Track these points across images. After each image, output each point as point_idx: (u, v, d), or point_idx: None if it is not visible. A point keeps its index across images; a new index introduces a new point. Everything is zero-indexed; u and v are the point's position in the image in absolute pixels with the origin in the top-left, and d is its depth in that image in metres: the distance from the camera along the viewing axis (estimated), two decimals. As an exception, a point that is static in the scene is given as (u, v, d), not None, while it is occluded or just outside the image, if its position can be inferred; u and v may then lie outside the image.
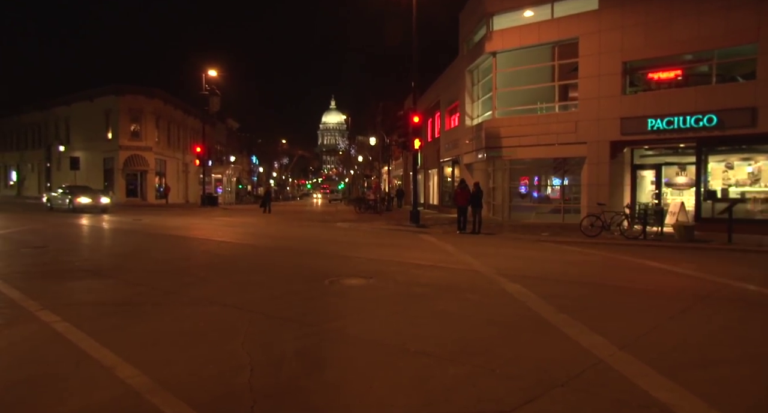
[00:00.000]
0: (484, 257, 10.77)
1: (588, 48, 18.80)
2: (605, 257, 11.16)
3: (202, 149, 36.92)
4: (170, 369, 4.09)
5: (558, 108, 20.36)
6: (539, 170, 22.43)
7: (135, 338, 4.96)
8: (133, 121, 41.12)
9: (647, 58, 18.02)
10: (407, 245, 13.36)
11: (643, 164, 18.81)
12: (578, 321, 5.54)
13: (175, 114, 46.28)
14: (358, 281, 7.88)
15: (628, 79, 18.49)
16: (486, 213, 20.93)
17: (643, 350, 4.60)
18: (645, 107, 17.69)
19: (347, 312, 5.98)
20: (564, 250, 12.47)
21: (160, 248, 12.63)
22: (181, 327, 5.33)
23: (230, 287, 7.49)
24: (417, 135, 19.42)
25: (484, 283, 7.84)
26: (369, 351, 4.59)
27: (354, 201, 38.89)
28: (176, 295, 6.89)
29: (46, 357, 4.46)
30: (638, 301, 6.82)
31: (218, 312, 5.99)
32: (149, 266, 9.42)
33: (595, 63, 18.65)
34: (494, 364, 4.23)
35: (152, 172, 41.67)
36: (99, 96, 41.37)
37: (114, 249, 12.62)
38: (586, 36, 18.84)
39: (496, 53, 21.25)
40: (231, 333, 5.07)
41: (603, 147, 18.52)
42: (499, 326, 5.43)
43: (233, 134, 64.12)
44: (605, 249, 12.53)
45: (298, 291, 7.16)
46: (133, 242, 13.82)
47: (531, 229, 17.43)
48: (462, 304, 6.46)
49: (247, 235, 16.48)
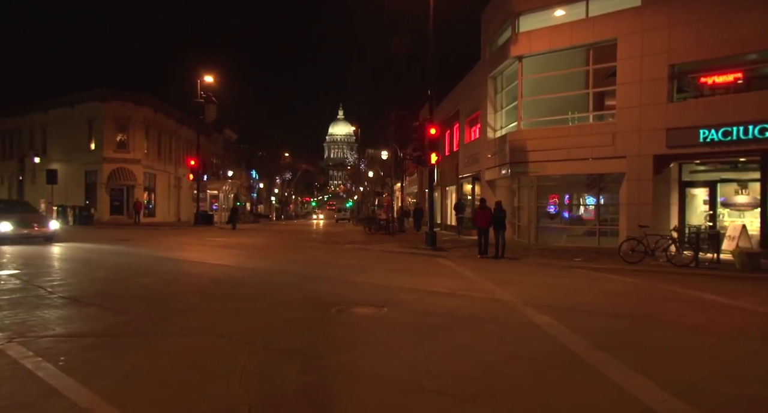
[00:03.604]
0: (509, 284, 10.71)
1: (628, 50, 18.66)
2: (649, 287, 11.02)
3: (196, 162, 37.37)
4: (157, 410, 4.10)
5: (592, 118, 20.36)
6: (571, 187, 22.36)
7: (118, 374, 4.92)
8: (120, 130, 41.34)
9: (699, 60, 17.56)
10: (422, 271, 13.33)
11: (694, 181, 18.40)
12: (619, 359, 5.41)
13: (167, 123, 46.88)
14: (367, 310, 7.87)
15: (676, 84, 18.16)
16: (510, 235, 20.82)
17: (702, 398, 4.40)
18: (696, 116, 17.28)
19: (356, 344, 5.97)
20: (600, 278, 12.35)
21: (147, 271, 12.70)
22: (170, 361, 5.34)
23: (226, 315, 7.52)
24: (434, 149, 19.53)
25: (508, 313, 7.79)
26: (380, 389, 4.57)
27: (363, 221, 39.02)
28: (165, 324, 6.93)
29: (11, 398, 4.29)
30: (692, 339, 6.56)
31: (212, 343, 6.01)
32: (135, 292, 9.49)
33: (636, 67, 18.49)
34: (521, 407, 4.19)
35: (140, 187, 41.92)
36: (81, 102, 41.33)
37: (93, 274, 12.73)
38: (627, 36, 18.70)
39: (523, 57, 21.40)
40: (226, 367, 5.08)
41: (645, 162, 18.29)
42: (526, 362, 5.39)
43: (231, 145, 64.94)
44: (649, 278, 12.35)
45: (301, 320, 7.16)
46: (114, 265, 13.93)
47: (561, 253, 17.31)
48: (483, 337, 6.42)
49: (246, 257, 16.55)
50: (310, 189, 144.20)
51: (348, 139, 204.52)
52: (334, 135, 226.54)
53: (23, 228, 19.25)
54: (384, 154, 49.09)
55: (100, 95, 40.57)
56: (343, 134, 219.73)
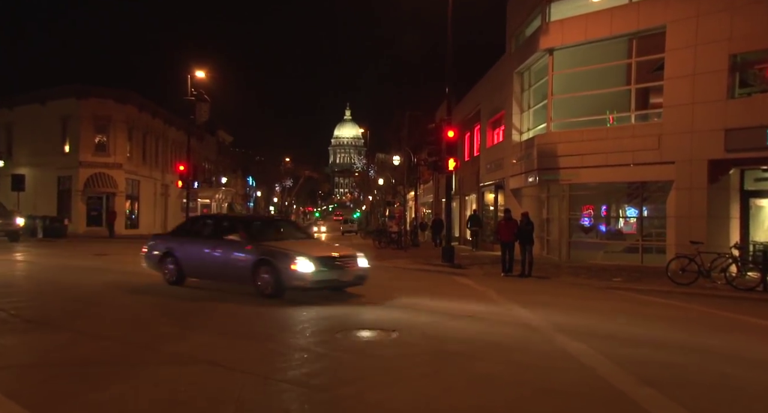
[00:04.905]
0: (537, 307, 10.66)
1: (679, 39, 18.28)
2: (704, 314, 10.88)
3: (186, 167, 37.52)
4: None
5: (634, 118, 20.16)
6: (608, 197, 22.24)
7: (93, 410, 4.86)
8: (99, 131, 41.27)
9: (767, 48, 17.12)
10: (439, 290, 13.31)
11: (760, 191, 18.02)
12: (672, 399, 5.26)
13: (154, 124, 47.22)
14: (377, 335, 7.86)
15: (737, 77, 17.68)
16: (538, 251, 20.75)
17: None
18: (763, 115, 16.74)
19: (365, 374, 5.96)
20: (645, 301, 12.24)
21: (129, 289, 12.75)
22: (155, 394, 5.33)
23: (219, 340, 7.54)
24: (452, 153, 19.53)
25: (537, 341, 7.76)
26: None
27: (373, 234, 39.01)
28: (150, 351, 6.94)
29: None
30: (757, 376, 6.40)
31: (203, 372, 6.02)
32: (114, 314, 9.51)
33: (689, 58, 18.07)
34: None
35: (122, 195, 41.94)
36: (54, 98, 40.91)
37: (64, 293, 12.79)
38: (678, 23, 18.31)
39: (554, 50, 21.39)
40: (219, 400, 5.08)
41: (698, 168, 17.92)
42: (559, 398, 5.34)
43: (225, 149, 65.42)
44: (704, 302, 12.16)
45: (302, 346, 7.17)
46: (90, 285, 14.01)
47: (597, 272, 17.19)
48: (509, 367, 6.38)
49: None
50: (313, 198, 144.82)
51: (356, 142, 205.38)
52: (341, 138, 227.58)
53: None
54: (396, 159, 49.06)
55: (76, 91, 40.29)
56: (350, 136, 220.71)
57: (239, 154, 69.11)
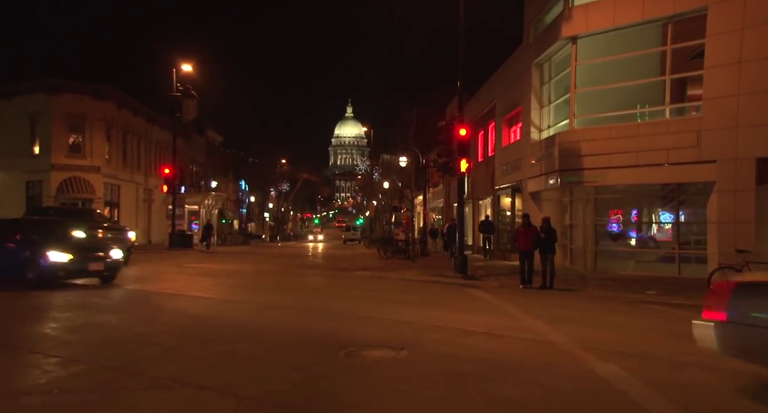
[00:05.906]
0: (561, 322, 10.63)
1: (723, 22, 18.07)
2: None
3: (171, 169, 37.73)
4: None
5: (669, 113, 20.08)
6: (639, 200, 22.22)
7: None
8: (73, 130, 40.87)
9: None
10: (452, 304, 13.32)
11: None
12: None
13: (135, 122, 47.22)
14: (384, 354, 7.85)
15: None
16: (560, 261, 20.70)
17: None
18: None
19: (371, 397, 5.95)
20: (683, 318, 11.98)
21: (107, 308, 12.78)
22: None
23: (209, 361, 7.52)
24: (464, 153, 19.55)
25: (562, 360, 7.71)
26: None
27: (378, 242, 39.05)
28: (133, 375, 6.89)
29: None
30: None
31: (192, 397, 6.00)
32: (91, 336, 9.47)
33: (734, 43, 17.84)
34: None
35: (100, 201, 41.73)
36: (20, 93, 40.24)
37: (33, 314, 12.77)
38: (722, 4, 18.06)
39: (578, 38, 21.42)
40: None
41: (744, 167, 17.81)
42: (588, 423, 5.30)
43: (215, 150, 65.53)
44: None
45: (302, 367, 7.14)
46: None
47: (628, 284, 17.14)
48: (531, 390, 6.34)
49: (234, 288, 16.64)
50: (312, 203, 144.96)
51: (358, 142, 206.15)
52: (342, 137, 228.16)
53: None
54: (402, 160, 49.21)
55: (47, 86, 39.80)
56: (352, 135, 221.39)
57: (231, 155, 69.12)
